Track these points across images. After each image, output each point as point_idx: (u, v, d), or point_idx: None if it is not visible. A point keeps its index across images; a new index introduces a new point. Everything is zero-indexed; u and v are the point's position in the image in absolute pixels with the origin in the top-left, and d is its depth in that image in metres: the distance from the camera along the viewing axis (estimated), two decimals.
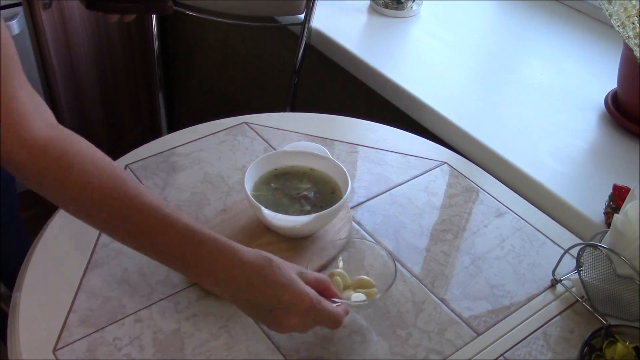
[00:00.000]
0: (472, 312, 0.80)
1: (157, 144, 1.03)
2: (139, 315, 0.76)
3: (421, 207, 0.95)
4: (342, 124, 1.12)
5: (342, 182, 0.88)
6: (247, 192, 0.82)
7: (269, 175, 0.89)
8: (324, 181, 0.90)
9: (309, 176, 0.90)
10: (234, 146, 1.04)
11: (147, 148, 1.02)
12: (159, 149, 1.02)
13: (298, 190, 0.88)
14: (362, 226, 0.91)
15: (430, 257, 0.87)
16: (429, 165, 1.04)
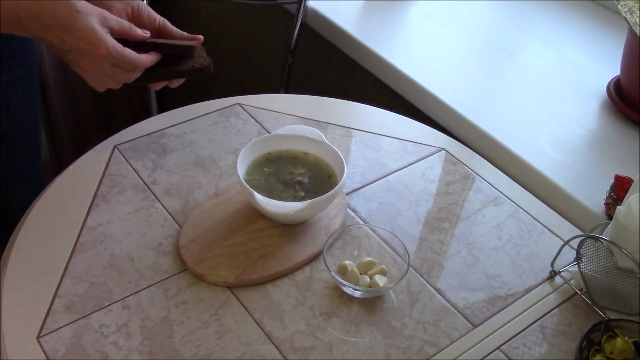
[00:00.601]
0: (469, 303, 0.80)
1: (147, 125, 1.02)
2: (127, 301, 0.75)
3: (418, 195, 0.94)
4: (337, 107, 1.11)
5: (338, 168, 0.87)
6: (240, 177, 0.81)
7: (262, 159, 0.88)
8: (319, 166, 0.89)
9: (303, 161, 0.89)
10: (227, 128, 1.02)
11: (137, 128, 1.01)
12: (149, 129, 1.01)
13: (292, 176, 0.87)
14: (357, 213, 0.90)
15: (427, 246, 0.87)
16: (426, 152, 1.03)
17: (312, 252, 0.82)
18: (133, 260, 0.80)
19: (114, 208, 0.86)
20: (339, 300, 0.78)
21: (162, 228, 0.85)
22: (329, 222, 0.86)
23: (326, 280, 0.80)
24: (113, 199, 0.88)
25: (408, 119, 1.10)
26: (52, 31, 0.69)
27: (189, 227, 0.81)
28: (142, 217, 0.86)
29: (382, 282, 0.77)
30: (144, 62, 0.77)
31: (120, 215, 0.86)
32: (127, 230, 0.84)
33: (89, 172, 0.92)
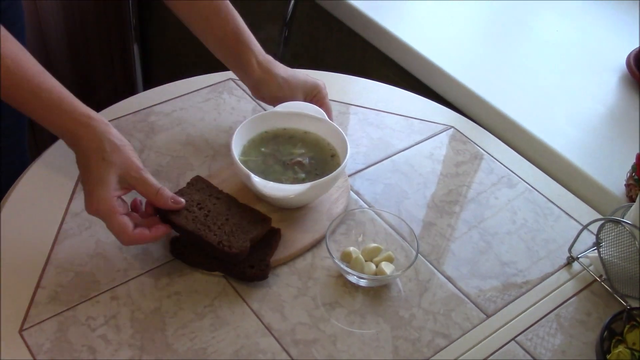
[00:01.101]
0: (481, 291, 0.80)
1: (133, 102, 1.00)
2: (115, 292, 0.74)
3: (426, 176, 0.94)
4: (337, 82, 1.10)
5: (341, 147, 0.86)
6: (235, 157, 0.80)
7: (258, 138, 0.87)
8: (320, 146, 0.88)
9: (303, 140, 0.88)
10: (219, 105, 1.01)
11: (122, 106, 0.99)
12: (135, 107, 0.99)
13: (291, 156, 0.86)
14: (361, 196, 0.90)
15: (436, 231, 0.86)
16: (434, 130, 1.02)
17: (313, 239, 0.81)
18: (121, 247, 0.79)
19: None
20: (342, 289, 0.78)
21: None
22: (331, 206, 0.86)
23: (329, 268, 0.80)
24: None
25: (414, 95, 1.09)
26: (79, 154, 0.73)
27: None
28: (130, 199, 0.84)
29: (388, 269, 0.77)
30: (130, 239, 0.72)
31: None
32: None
33: (71, 154, 0.90)
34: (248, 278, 0.75)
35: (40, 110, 0.72)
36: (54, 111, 0.72)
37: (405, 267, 0.78)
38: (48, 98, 0.72)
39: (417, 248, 0.78)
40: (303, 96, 0.91)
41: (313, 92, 0.92)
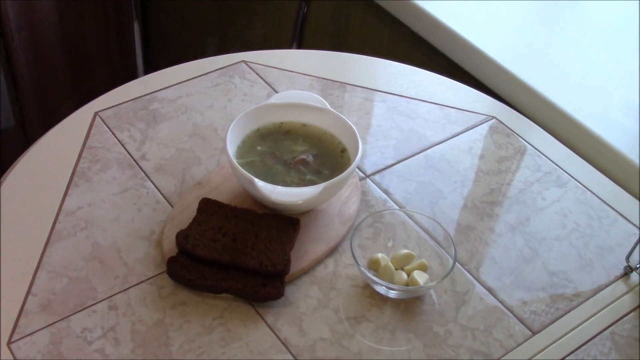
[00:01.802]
0: (527, 305, 0.79)
1: (133, 87, 1.01)
2: (114, 301, 0.75)
3: (464, 173, 0.93)
4: (363, 66, 1.10)
5: (349, 140, 0.86)
6: (233, 161, 0.79)
7: (253, 136, 0.86)
8: (325, 140, 0.87)
9: (303, 134, 0.88)
10: (230, 91, 1.01)
11: (121, 92, 1.00)
12: (136, 93, 0.99)
13: (293, 154, 0.86)
14: (390, 195, 0.89)
15: (475, 236, 0.86)
16: (474, 120, 1.02)
17: (327, 247, 0.81)
18: (120, 251, 0.79)
19: (96, 188, 0.86)
20: (369, 301, 0.77)
21: (154, 212, 0.84)
22: (342, 208, 0.85)
23: (354, 277, 0.79)
24: (95, 177, 0.87)
25: (450, 81, 1.08)
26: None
27: (172, 228, 0.80)
28: (130, 199, 0.85)
29: (422, 279, 0.77)
30: None
31: (104, 197, 0.85)
32: (113, 215, 0.83)
33: (65, 145, 0.91)
34: (260, 298, 0.75)
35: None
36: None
37: (440, 276, 0.77)
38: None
39: (454, 255, 0.78)
40: None
41: None
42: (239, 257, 0.76)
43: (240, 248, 0.77)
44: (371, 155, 0.95)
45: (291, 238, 0.79)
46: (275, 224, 0.80)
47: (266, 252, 0.77)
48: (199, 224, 0.79)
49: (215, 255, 0.76)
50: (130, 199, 0.85)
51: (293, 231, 0.79)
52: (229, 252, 0.76)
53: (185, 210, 0.82)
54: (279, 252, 0.77)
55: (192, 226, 0.78)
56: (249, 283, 0.75)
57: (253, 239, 0.78)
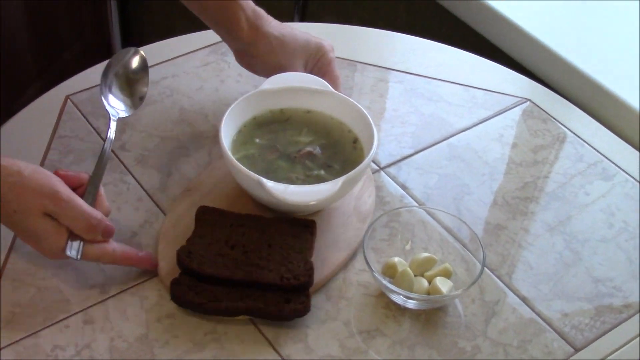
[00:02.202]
0: (568, 317, 0.79)
1: None
2: (90, 313, 0.75)
3: (493, 164, 0.94)
4: (375, 40, 1.10)
5: (360, 128, 0.86)
6: (234, 161, 0.79)
7: (249, 125, 0.86)
8: (331, 128, 0.87)
9: (306, 122, 0.88)
10: (222, 71, 1.01)
11: (95, 73, 0.98)
12: None
13: (297, 146, 0.86)
14: (408, 190, 0.90)
15: (507, 237, 0.86)
16: (505, 104, 1.02)
17: (349, 250, 0.81)
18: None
19: None
20: (384, 312, 0.78)
21: (135, 211, 0.84)
22: (357, 203, 0.86)
23: (367, 285, 0.80)
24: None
25: (478, 58, 1.08)
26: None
27: (167, 245, 0.80)
28: (108, 195, 0.84)
29: (445, 287, 0.77)
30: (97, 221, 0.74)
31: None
32: None
33: (32, 133, 0.91)
34: (286, 316, 0.75)
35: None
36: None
37: (467, 283, 0.77)
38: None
39: (482, 259, 0.78)
40: (303, 62, 0.90)
41: (316, 56, 0.90)
42: (254, 271, 0.75)
43: (254, 261, 0.76)
44: (386, 144, 0.95)
45: (309, 243, 0.79)
46: (289, 229, 0.80)
47: (284, 262, 0.76)
48: (202, 238, 0.78)
49: (226, 273, 0.75)
50: (108, 196, 0.84)
51: (310, 235, 0.80)
52: (242, 267, 0.76)
53: (178, 223, 0.82)
54: (299, 261, 0.76)
55: (193, 241, 0.78)
56: (270, 300, 0.74)
57: (267, 249, 0.78)
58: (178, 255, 0.76)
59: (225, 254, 0.77)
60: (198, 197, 0.85)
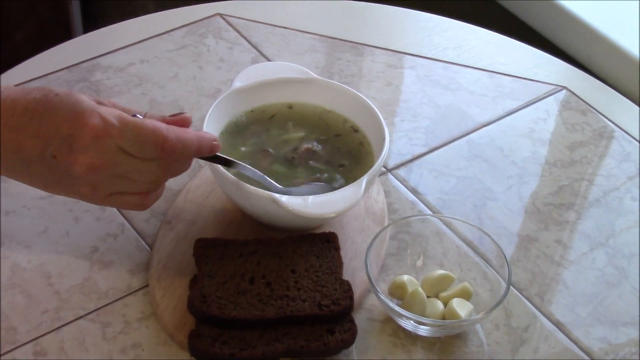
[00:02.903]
0: (612, 347, 0.79)
1: (67, 50, 1.01)
2: (41, 343, 0.75)
3: (522, 165, 0.94)
4: (383, 19, 1.10)
5: (358, 113, 0.86)
6: (227, 176, 0.78)
7: (228, 134, 0.86)
8: (325, 119, 0.88)
9: (292, 117, 0.88)
10: (201, 55, 1.02)
11: (51, 57, 1.00)
12: (72, 58, 1.00)
13: (291, 144, 0.86)
14: (420, 195, 0.90)
15: (538, 251, 0.86)
16: (536, 92, 1.02)
17: (379, 260, 0.82)
18: (50, 276, 0.79)
19: (17, 190, 0.86)
20: (392, 340, 0.77)
21: (97, 222, 0.84)
22: (368, 204, 0.87)
23: (371, 308, 0.80)
24: None
25: (504, 38, 1.09)
26: (23, 125, 0.70)
27: (166, 294, 0.79)
28: (63, 204, 0.85)
29: (463, 310, 0.77)
30: (188, 138, 0.73)
31: (27, 202, 0.85)
32: (39, 227, 0.83)
33: None
34: (334, 350, 0.75)
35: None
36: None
37: (489, 306, 0.77)
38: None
39: (508, 277, 0.77)
40: None
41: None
42: (287, 305, 0.75)
43: (282, 292, 0.76)
44: (394, 141, 0.95)
45: (337, 260, 0.79)
46: (309, 247, 0.80)
47: (317, 287, 0.76)
48: (212, 277, 0.78)
49: (255, 313, 0.74)
50: (63, 205, 0.85)
51: (335, 250, 0.80)
52: (271, 303, 0.75)
53: (169, 264, 0.81)
54: (333, 283, 0.77)
55: (203, 282, 0.77)
56: (312, 335, 0.74)
57: (291, 276, 0.78)
58: (191, 303, 0.75)
59: (247, 291, 0.76)
60: (183, 228, 0.84)
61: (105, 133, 0.69)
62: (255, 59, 1.02)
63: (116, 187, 0.73)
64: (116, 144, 0.70)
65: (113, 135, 0.69)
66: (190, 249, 0.80)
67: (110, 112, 0.71)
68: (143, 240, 0.83)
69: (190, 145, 0.73)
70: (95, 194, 0.73)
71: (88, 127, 0.69)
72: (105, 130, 0.69)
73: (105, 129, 0.69)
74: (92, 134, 0.69)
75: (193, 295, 0.75)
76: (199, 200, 0.87)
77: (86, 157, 0.69)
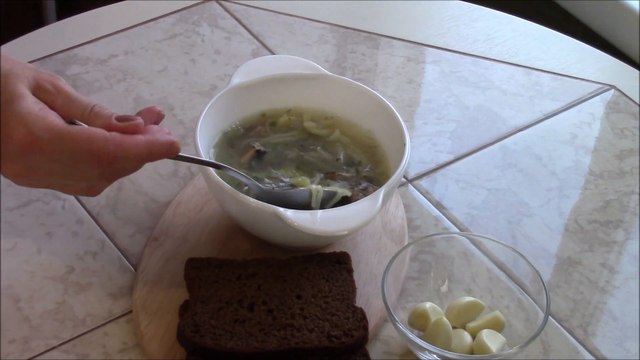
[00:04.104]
0: None
1: (39, 40, 1.02)
2: None
3: (563, 176, 0.94)
4: (403, 5, 1.10)
5: (374, 117, 0.87)
6: (222, 182, 0.78)
7: (221, 152, 0.87)
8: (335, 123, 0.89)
9: (294, 126, 0.89)
10: (194, 46, 1.02)
11: (21, 46, 1.01)
12: (45, 48, 1.01)
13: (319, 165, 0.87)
14: (445, 210, 0.90)
15: (581, 275, 0.86)
16: (580, 92, 1.02)
17: (398, 284, 0.82)
18: (19, 299, 0.79)
19: None
20: None
21: (73, 238, 0.84)
22: (385, 219, 0.87)
23: (388, 340, 0.80)
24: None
25: (544, 29, 1.09)
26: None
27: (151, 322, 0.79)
28: (36, 217, 0.86)
29: (495, 343, 0.76)
30: (118, 147, 0.72)
31: None
32: (7, 243, 0.83)
33: None
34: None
35: None
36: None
37: (525, 338, 0.77)
38: None
39: (546, 306, 0.77)
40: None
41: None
42: (291, 336, 0.75)
43: (286, 321, 0.76)
44: (416, 147, 0.95)
45: (350, 284, 0.79)
46: (317, 269, 0.80)
47: (326, 316, 0.76)
48: (205, 303, 0.77)
49: (254, 345, 0.74)
50: (35, 218, 0.85)
51: (347, 273, 0.80)
52: (273, 333, 0.75)
53: (156, 287, 0.82)
54: (345, 311, 0.77)
55: (195, 308, 0.77)
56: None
57: (297, 302, 0.78)
58: (181, 332, 0.75)
59: (245, 319, 0.76)
60: (172, 246, 0.85)
61: (32, 149, 0.69)
62: (257, 52, 1.02)
63: (54, 187, 0.75)
64: (46, 157, 0.70)
65: (42, 150, 0.69)
66: (180, 270, 0.80)
67: (39, 122, 0.70)
68: (126, 260, 0.84)
69: (136, 154, 0.72)
70: (32, 186, 0.74)
71: (12, 140, 0.69)
72: (32, 146, 0.69)
73: (31, 144, 0.69)
74: (17, 149, 0.69)
75: (184, 324, 0.75)
76: (191, 214, 0.87)
77: (13, 166, 0.70)
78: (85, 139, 0.70)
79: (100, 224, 0.86)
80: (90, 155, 0.70)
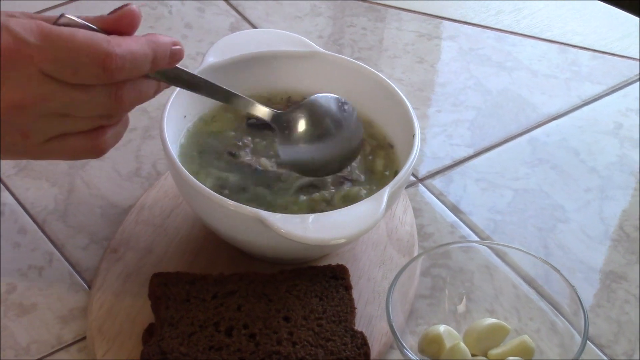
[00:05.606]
0: None
1: None
2: None
3: (605, 174, 0.94)
4: None
5: (377, 103, 0.87)
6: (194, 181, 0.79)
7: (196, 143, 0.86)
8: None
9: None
10: (161, 20, 1.03)
11: None
12: None
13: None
14: (462, 215, 0.91)
15: (627, 293, 0.86)
16: (625, 73, 1.03)
17: (407, 304, 0.82)
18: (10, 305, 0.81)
19: None
20: None
21: (15, 250, 0.85)
22: (391, 225, 0.88)
23: None
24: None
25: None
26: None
27: (110, 348, 0.79)
28: None
29: None
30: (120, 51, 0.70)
31: None
32: None
33: None
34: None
35: None
36: None
37: None
38: None
39: (584, 329, 0.78)
40: None
41: None
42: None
43: (271, 348, 0.76)
44: (428, 140, 0.96)
45: (348, 303, 0.79)
46: (308, 285, 0.81)
47: (320, 341, 0.77)
48: (174, 326, 0.77)
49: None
50: None
51: (344, 290, 0.80)
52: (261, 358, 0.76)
53: (115, 308, 0.82)
54: (342, 336, 0.77)
55: (162, 333, 0.77)
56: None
57: (284, 325, 0.78)
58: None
59: (222, 345, 0.76)
60: (134, 259, 0.85)
61: (20, 55, 0.67)
62: (235, 26, 1.03)
63: (53, 128, 0.71)
64: (38, 68, 0.68)
65: (32, 56, 0.67)
66: (144, 288, 0.80)
67: (24, 24, 0.68)
68: (79, 276, 0.84)
69: (143, 56, 0.71)
70: (28, 141, 0.71)
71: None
72: (20, 52, 0.67)
73: (20, 49, 0.67)
74: (2, 58, 0.67)
75: (148, 352, 0.75)
76: (157, 221, 0.88)
77: (2, 93, 0.68)
78: (83, 40, 0.68)
79: (47, 234, 0.86)
80: (93, 61, 0.68)
